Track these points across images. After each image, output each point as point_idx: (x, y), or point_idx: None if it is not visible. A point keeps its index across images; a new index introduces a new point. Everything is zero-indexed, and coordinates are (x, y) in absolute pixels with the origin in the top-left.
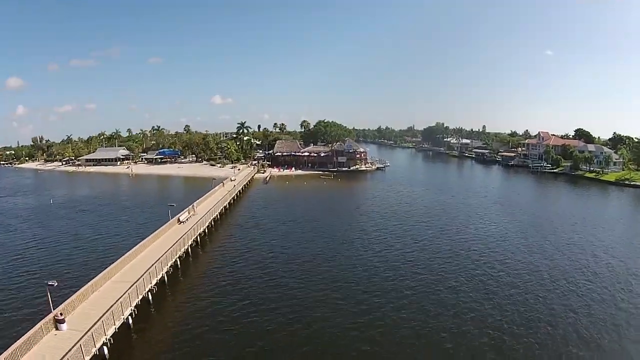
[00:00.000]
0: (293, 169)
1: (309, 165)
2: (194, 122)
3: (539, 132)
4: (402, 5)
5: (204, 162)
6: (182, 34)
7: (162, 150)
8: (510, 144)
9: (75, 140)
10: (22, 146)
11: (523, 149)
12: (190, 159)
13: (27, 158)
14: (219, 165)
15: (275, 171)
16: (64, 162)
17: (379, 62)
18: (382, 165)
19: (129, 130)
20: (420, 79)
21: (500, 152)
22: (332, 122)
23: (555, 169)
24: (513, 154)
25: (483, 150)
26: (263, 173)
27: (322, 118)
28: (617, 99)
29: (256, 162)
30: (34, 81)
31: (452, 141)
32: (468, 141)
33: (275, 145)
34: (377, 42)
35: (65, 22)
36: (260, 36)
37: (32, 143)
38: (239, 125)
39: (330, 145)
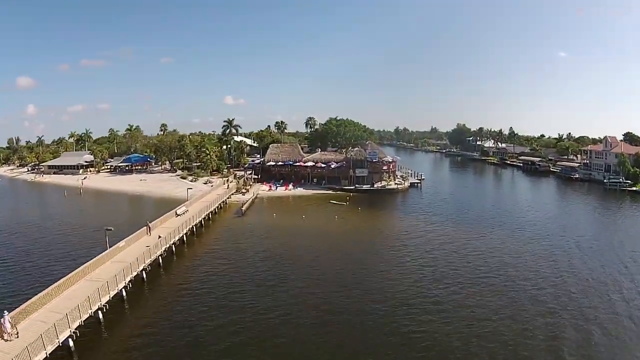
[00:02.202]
0: (291, 185)
1: (314, 180)
2: (206, 123)
3: (605, 137)
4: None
5: (179, 171)
6: (192, 33)
7: (128, 157)
8: (570, 151)
9: (47, 143)
10: (6, 148)
11: (583, 157)
12: (165, 167)
13: (2, 162)
14: (190, 178)
15: (264, 189)
16: (29, 169)
17: (394, 61)
18: (416, 180)
19: (110, 130)
20: (436, 80)
21: (550, 159)
22: (348, 120)
23: (634, 185)
24: (576, 164)
25: (532, 158)
26: (244, 193)
27: (334, 117)
28: None
29: (243, 173)
30: (45, 81)
31: (486, 145)
32: (504, 145)
33: (268, 152)
34: (389, 40)
35: (75, 22)
36: (270, 36)
37: (7, 145)
38: (225, 123)
39: (344, 151)
